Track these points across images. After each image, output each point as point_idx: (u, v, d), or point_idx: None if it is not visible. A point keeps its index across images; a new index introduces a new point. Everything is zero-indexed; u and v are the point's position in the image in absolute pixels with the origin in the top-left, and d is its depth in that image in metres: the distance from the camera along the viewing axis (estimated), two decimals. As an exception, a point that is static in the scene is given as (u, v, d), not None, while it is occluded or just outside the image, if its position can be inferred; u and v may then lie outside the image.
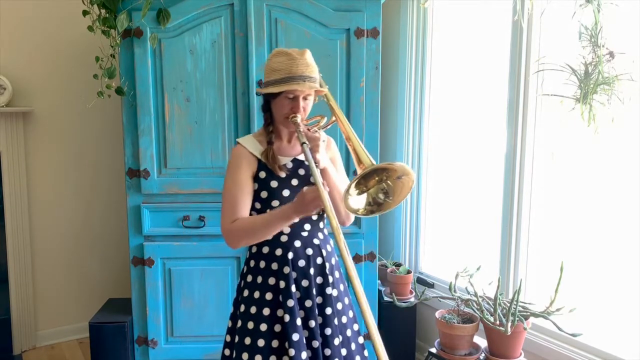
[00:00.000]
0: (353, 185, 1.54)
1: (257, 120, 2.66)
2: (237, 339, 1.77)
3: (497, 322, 2.25)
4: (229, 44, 2.66)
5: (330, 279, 1.80)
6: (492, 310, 2.30)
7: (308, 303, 1.74)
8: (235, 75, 2.67)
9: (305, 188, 1.58)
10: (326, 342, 1.74)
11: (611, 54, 1.99)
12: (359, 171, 1.59)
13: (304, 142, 1.65)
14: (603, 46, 1.99)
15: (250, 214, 1.77)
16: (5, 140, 3.18)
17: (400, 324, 2.92)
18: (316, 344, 1.72)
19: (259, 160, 1.76)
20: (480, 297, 2.38)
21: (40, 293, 3.42)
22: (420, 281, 3.11)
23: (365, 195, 1.59)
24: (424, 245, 3.22)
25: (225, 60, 2.67)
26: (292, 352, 1.67)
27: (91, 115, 3.40)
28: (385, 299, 2.93)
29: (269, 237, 1.72)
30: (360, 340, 1.87)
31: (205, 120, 2.69)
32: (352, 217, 1.83)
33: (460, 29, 2.90)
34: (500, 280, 2.46)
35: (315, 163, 1.63)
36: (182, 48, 2.64)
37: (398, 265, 3.12)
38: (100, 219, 3.59)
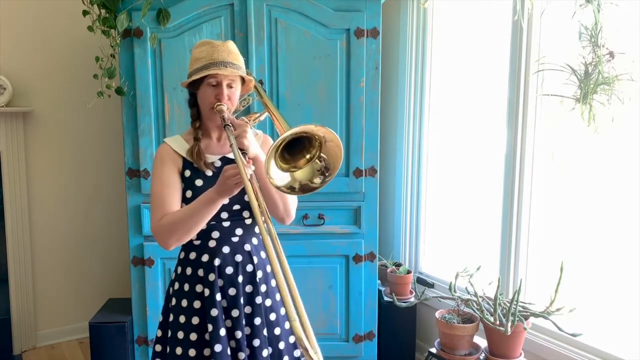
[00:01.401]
0: (277, 151, 1.41)
1: (257, 120, 2.66)
2: (168, 349, 1.71)
3: (497, 322, 2.25)
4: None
5: (264, 287, 1.73)
6: (492, 310, 2.30)
7: (235, 313, 1.67)
8: (235, 75, 2.67)
9: (226, 166, 1.48)
10: (254, 354, 1.67)
11: (611, 54, 1.99)
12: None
13: (226, 125, 1.56)
14: (603, 46, 1.99)
15: None
16: (5, 140, 3.18)
17: (400, 324, 2.92)
18: (242, 355, 1.65)
19: (184, 159, 1.69)
20: (480, 297, 2.38)
21: (40, 293, 3.42)
22: (420, 281, 3.11)
23: (289, 176, 1.46)
24: (424, 245, 3.22)
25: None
26: None
27: (91, 115, 3.40)
28: (385, 299, 2.93)
29: (199, 227, 1.60)
30: (296, 353, 1.77)
31: (205, 120, 2.68)
32: (293, 213, 1.73)
33: (460, 29, 2.90)
34: (500, 280, 2.45)
35: (243, 150, 1.53)
36: (182, 48, 2.64)
37: (398, 265, 3.12)
38: (100, 219, 3.59)
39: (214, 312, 1.65)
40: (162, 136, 2.70)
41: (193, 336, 1.67)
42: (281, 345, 1.75)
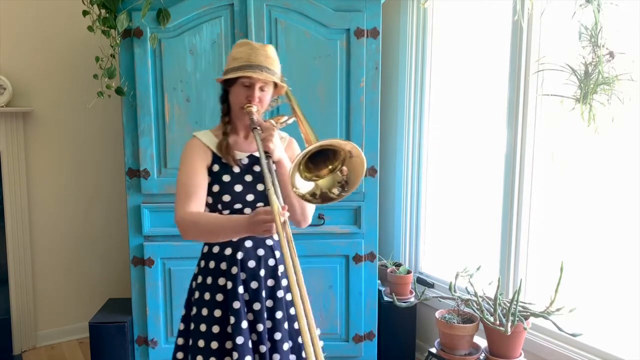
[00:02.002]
0: (301, 163, 1.44)
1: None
2: (190, 342, 1.73)
3: (497, 322, 2.25)
4: (229, 44, 2.66)
5: (285, 282, 1.75)
6: (492, 310, 2.30)
7: (257, 306, 1.70)
8: (235, 75, 2.67)
9: (261, 208, 1.51)
10: (275, 347, 1.70)
11: (611, 54, 1.99)
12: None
13: (255, 128, 1.60)
14: (603, 46, 1.99)
15: None
16: (5, 140, 3.18)
17: (400, 324, 2.92)
18: (263, 348, 1.67)
19: (214, 154, 1.72)
20: (480, 297, 2.38)
21: (40, 293, 3.42)
22: (420, 281, 3.11)
23: (311, 184, 1.49)
24: (424, 245, 3.22)
25: (225, 60, 2.67)
26: (235, 355, 1.64)
27: (91, 115, 3.40)
28: (385, 299, 2.93)
29: (219, 241, 1.69)
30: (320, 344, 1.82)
31: (205, 120, 2.68)
32: (310, 218, 1.76)
33: (460, 29, 2.90)
34: (500, 280, 2.46)
35: (268, 153, 1.58)
36: (182, 48, 2.64)
37: (398, 265, 3.12)
38: (100, 219, 3.59)
39: (236, 304, 1.68)
40: (162, 136, 2.70)
41: (215, 329, 1.70)
42: (300, 339, 1.76)
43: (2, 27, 3.16)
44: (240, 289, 1.69)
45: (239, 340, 1.65)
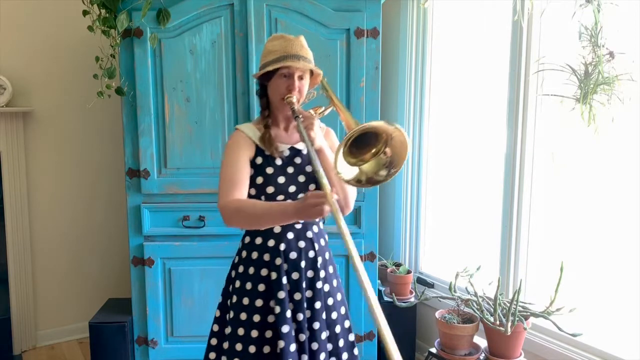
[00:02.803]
0: (344, 147, 1.44)
1: (257, 120, 2.67)
2: (229, 329, 1.77)
3: (497, 322, 2.25)
4: (229, 44, 2.66)
5: (322, 273, 1.80)
6: (492, 310, 2.30)
7: (297, 296, 1.74)
8: (235, 75, 2.67)
9: (309, 192, 1.51)
10: (313, 336, 1.74)
11: (611, 54, 1.99)
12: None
13: (297, 116, 1.64)
14: (603, 46, 2.00)
15: None
16: (5, 140, 3.18)
17: (400, 324, 2.92)
18: (303, 337, 1.72)
19: (257, 146, 1.76)
20: (480, 297, 2.38)
21: (40, 293, 3.42)
22: (420, 281, 3.11)
23: (357, 169, 1.49)
24: (424, 245, 3.22)
25: (225, 60, 2.67)
26: (281, 344, 1.68)
27: (91, 115, 3.40)
28: (385, 299, 2.93)
29: (262, 227, 1.72)
30: (351, 337, 1.86)
31: (205, 120, 2.69)
32: (352, 205, 1.79)
33: (460, 29, 2.90)
34: (500, 280, 2.46)
35: (311, 141, 1.60)
36: (182, 48, 2.64)
37: (398, 265, 3.12)
38: (100, 219, 3.59)
39: (281, 294, 1.71)
40: (162, 136, 2.70)
41: (256, 318, 1.73)
42: (337, 329, 1.82)
43: (2, 27, 3.17)
44: (284, 280, 1.73)
45: (285, 329, 1.69)
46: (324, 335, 1.76)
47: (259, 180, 1.74)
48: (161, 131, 2.70)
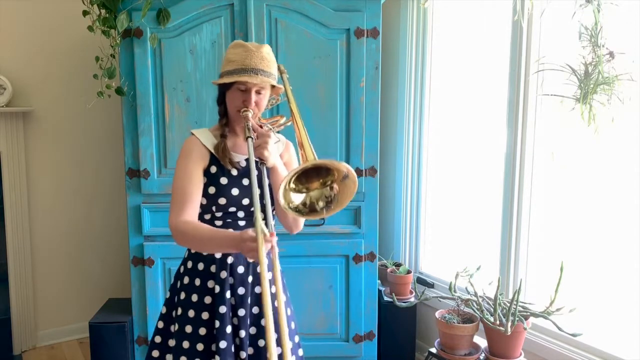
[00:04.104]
0: (292, 178, 1.41)
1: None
2: (174, 342, 1.71)
3: (497, 322, 2.25)
4: (229, 44, 2.65)
5: (272, 289, 1.72)
6: (492, 310, 2.30)
7: (241, 312, 1.69)
8: (235, 75, 2.67)
9: (249, 230, 1.41)
10: (258, 353, 1.70)
11: (611, 54, 1.99)
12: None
13: (249, 137, 1.57)
14: (603, 46, 2.00)
15: None
16: (5, 140, 3.18)
17: (400, 324, 2.92)
18: (244, 354, 1.67)
19: (212, 154, 1.69)
20: (480, 297, 2.38)
21: (40, 293, 3.42)
22: (420, 281, 3.11)
23: (302, 195, 1.47)
24: (424, 245, 3.22)
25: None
26: (217, 358, 1.64)
27: (91, 115, 3.40)
28: (385, 299, 2.93)
29: (206, 252, 1.68)
30: (300, 352, 1.80)
31: (205, 120, 2.69)
32: (301, 225, 1.75)
33: (460, 29, 2.90)
34: (500, 280, 2.46)
35: (262, 160, 1.56)
36: (182, 48, 2.64)
37: (398, 265, 3.12)
38: (100, 219, 3.59)
39: (223, 309, 1.67)
40: (162, 136, 2.70)
41: (202, 331, 1.69)
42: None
43: (2, 27, 3.17)
44: (228, 294, 1.68)
45: (222, 344, 1.64)
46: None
47: (212, 190, 1.67)
48: (161, 131, 2.70)
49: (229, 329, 1.66)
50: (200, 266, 1.72)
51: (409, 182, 3.21)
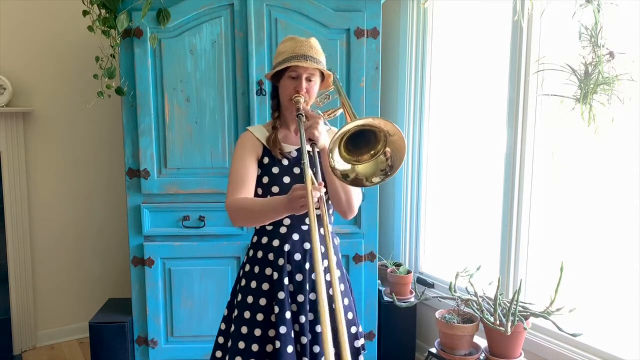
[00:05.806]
0: (341, 140, 1.39)
1: (257, 120, 2.66)
2: (233, 327, 1.77)
3: (497, 322, 2.25)
4: (229, 44, 2.66)
5: (327, 277, 1.76)
6: (492, 310, 2.30)
7: (300, 298, 1.74)
8: (235, 75, 2.68)
9: (298, 184, 1.50)
10: (316, 339, 1.74)
11: (611, 54, 1.99)
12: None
13: (299, 114, 1.64)
14: (603, 46, 2.00)
15: None
16: (5, 140, 3.18)
17: (400, 324, 2.92)
18: (304, 339, 1.72)
19: (264, 146, 1.79)
20: (480, 297, 2.38)
21: (40, 293, 3.42)
22: (420, 281, 3.10)
23: (349, 166, 1.43)
24: (424, 245, 3.22)
25: (225, 60, 2.67)
26: (277, 344, 1.69)
27: (91, 115, 3.40)
28: (385, 299, 2.93)
29: (264, 222, 1.73)
30: (357, 344, 1.84)
31: (205, 120, 2.69)
32: (355, 209, 1.76)
33: (460, 29, 2.90)
34: (500, 280, 2.46)
35: (313, 140, 1.59)
36: (182, 48, 2.64)
37: (398, 265, 3.12)
38: (100, 219, 3.59)
39: (281, 295, 1.72)
40: (162, 136, 2.70)
41: (260, 316, 1.74)
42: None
43: (2, 27, 3.17)
44: (286, 280, 1.74)
45: (282, 329, 1.70)
46: None
47: (265, 179, 1.77)
48: (161, 131, 2.70)
49: (288, 315, 1.72)
50: (259, 254, 1.79)
51: (409, 182, 3.21)
